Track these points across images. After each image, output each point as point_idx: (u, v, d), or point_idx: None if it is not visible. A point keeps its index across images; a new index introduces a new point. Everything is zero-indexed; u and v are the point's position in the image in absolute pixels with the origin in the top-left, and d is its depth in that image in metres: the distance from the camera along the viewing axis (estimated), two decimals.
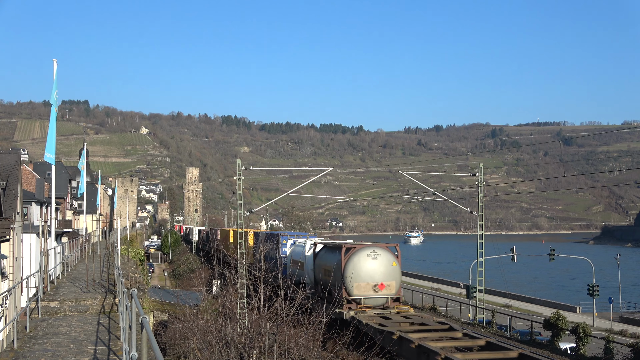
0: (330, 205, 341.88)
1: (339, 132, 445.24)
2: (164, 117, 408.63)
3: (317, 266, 33.86)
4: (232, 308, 20.98)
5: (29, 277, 20.93)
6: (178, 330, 24.85)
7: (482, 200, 38.40)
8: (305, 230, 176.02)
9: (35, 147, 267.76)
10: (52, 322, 16.04)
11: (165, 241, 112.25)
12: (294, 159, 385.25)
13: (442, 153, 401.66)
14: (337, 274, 29.24)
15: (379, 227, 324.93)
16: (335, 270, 29.37)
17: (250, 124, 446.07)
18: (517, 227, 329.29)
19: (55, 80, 21.95)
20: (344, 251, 29.56)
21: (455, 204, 53.06)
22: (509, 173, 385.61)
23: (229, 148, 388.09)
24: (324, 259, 32.97)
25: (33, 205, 43.70)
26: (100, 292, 20.43)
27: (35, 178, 50.72)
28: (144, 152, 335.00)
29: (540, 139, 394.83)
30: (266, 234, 49.54)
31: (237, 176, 32.21)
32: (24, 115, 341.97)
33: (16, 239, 29.62)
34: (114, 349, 12.48)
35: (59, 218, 51.50)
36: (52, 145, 21.56)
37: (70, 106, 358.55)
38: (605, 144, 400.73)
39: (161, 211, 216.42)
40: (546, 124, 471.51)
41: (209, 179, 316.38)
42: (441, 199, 48.00)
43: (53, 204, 24.14)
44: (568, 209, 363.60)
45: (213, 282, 42.52)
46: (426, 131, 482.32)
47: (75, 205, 68.85)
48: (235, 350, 17.13)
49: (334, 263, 30.31)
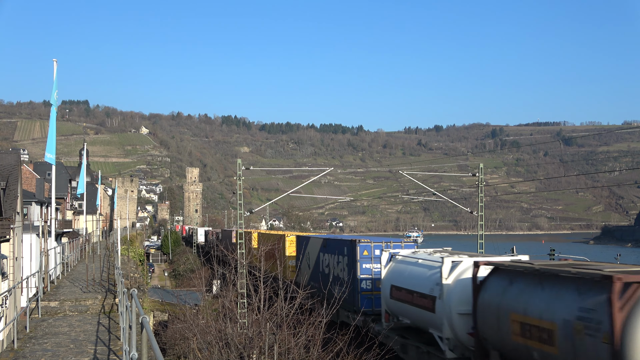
0: (330, 205, 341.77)
1: (339, 132, 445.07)
2: (164, 117, 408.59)
3: (490, 314, 15.58)
4: (232, 308, 20.97)
5: (29, 277, 20.94)
6: (178, 330, 24.86)
7: (482, 200, 38.42)
8: (305, 230, 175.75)
9: (35, 147, 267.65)
10: (52, 322, 16.04)
11: (165, 241, 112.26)
12: (294, 159, 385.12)
13: (442, 153, 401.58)
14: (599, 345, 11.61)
15: (379, 227, 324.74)
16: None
17: (250, 124, 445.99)
18: (517, 227, 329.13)
19: (55, 80, 21.96)
20: (618, 289, 11.36)
21: (455, 204, 53.04)
22: (509, 173, 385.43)
23: (229, 148, 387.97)
24: (521, 300, 14.45)
25: (33, 205, 43.72)
26: (100, 292, 20.43)
27: (35, 178, 50.73)
28: (144, 152, 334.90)
29: (540, 139, 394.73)
30: (324, 239, 32.07)
31: (237, 176, 32.12)
32: (24, 115, 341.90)
33: (16, 239, 29.62)
34: (114, 349, 12.49)
35: (59, 218, 51.52)
36: (52, 145, 21.58)
37: (70, 106, 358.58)
38: (605, 144, 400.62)
39: (161, 211, 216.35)
40: (546, 124, 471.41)
41: (209, 179, 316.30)
42: (441, 199, 48.00)
43: (53, 204, 24.14)
44: (568, 209, 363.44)
45: (213, 282, 42.35)
46: (426, 131, 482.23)
47: (75, 205, 68.85)
48: (235, 350, 17.13)
49: (578, 316, 12.35)
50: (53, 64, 21.99)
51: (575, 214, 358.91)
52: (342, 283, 24.36)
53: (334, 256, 28.74)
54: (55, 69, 21.97)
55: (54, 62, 22.04)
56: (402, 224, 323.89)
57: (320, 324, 17.35)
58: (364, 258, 25.72)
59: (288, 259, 36.34)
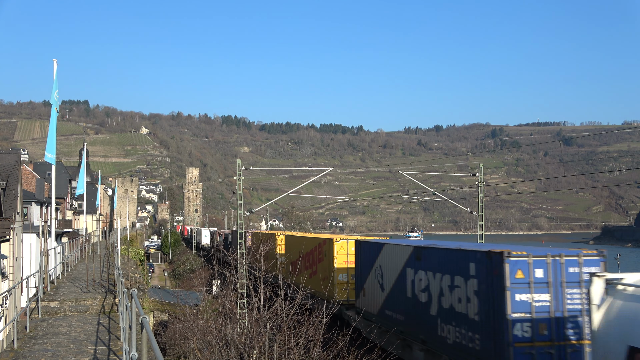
0: (330, 206, 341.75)
1: (339, 132, 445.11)
2: (164, 117, 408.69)
3: None
4: (232, 308, 20.95)
5: (29, 277, 20.93)
6: (178, 330, 24.86)
7: (482, 201, 38.41)
8: (305, 230, 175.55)
9: (35, 147, 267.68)
10: (52, 322, 16.04)
11: (165, 241, 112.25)
12: (294, 159, 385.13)
13: (442, 153, 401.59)
14: None
15: (379, 227, 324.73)
16: None
17: (250, 124, 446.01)
18: (517, 227, 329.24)
19: (55, 80, 21.95)
20: None
21: (455, 204, 53.00)
22: (509, 173, 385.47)
23: (229, 148, 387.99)
24: None
25: (33, 205, 43.71)
26: (100, 292, 20.42)
27: (35, 178, 50.72)
28: (144, 152, 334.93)
29: (540, 139, 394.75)
30: (415, 247, 20.72)
31: (237, 176, 32.06)
32: (24, 115, 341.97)
33: (16, 239, 29.61)
34: (114, 349, 12.48)
35: (59, 218, 51.52)
36: (52, 145, 21.58)
37: (70, 106, 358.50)
38: (605, 144, 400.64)
39: (161, 211, 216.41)
40: (546, 124, 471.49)
41: (209, 179, 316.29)
42: (441, 199, 47.95)
43: (53, 204, 24.13)
44: (568, 209, 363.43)
45: (213, 282, 42.22)
46: (426, 131, 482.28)
47: (75, 206, 68.84)
48: (235, 350, 17.12)
49: None
50: (53, 64, 21.98)
51: (575, 214, 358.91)
52: (462, 322, 16.71)
53: (441, 276, 18.21)
54: (55, 69, 21.96)
55: (54, 62, 22.03)
56: (402, 224, 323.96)
57: (321, 324, 17.33)
58: (518, 283, 14.80)
59: (337, 272, 27.74)
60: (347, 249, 28.22)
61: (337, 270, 27.78)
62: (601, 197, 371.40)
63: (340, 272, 27.91)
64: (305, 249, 32.47)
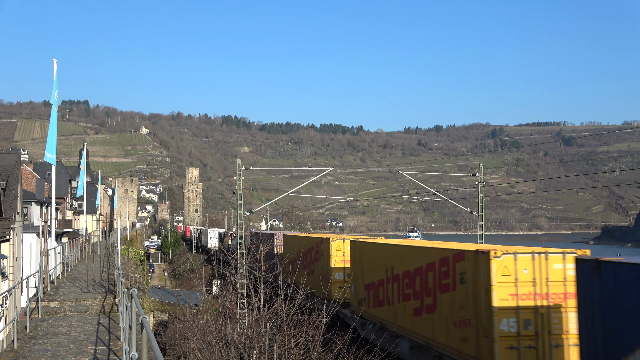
0: (330, 206, 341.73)
1: (339, 132, 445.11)
2: (164, 117, 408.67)
3: None
4: (232, 308, 20.94)
5: (29, 277, 20.94)
6: (178, 330, 24.86)
7: (482, 201, 38.41)
8: (305, 230, 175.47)
9: (35, 147, 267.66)
10: (52, 322, 16.04)
11: (165, 241, 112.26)
12: (294, 159, 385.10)
13: (442, 153, 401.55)
14: None
15: (379, 227, 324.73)
16: None
17: (250, 124, 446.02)
18: (517, 227, 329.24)
19: (56, 80, 21.95)
20: None
21: (456, 204, 53.02)
22: (509, 173, 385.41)
23: (229, 148, 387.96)
24: None
25: (33, 205, 43.72)
26: (100, 292, 20.42)
27: (35, 178, 50.74)
28: (144, 152, 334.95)
29: (540, 139, 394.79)
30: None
31: (237, 176, 32.05)
32: (24, 115, 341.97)
33: (16, 239, 29.62)
34: (114, 349, 12.48)
35: (59, 218, 51.52)
36: (52, 145, 21.58)
37: (70, 106, 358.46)
38: (605, 144, 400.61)
39: (161, 211, 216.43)
40: (546, 124, 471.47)
41: (209, 179, 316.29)
42: (441, 199, 47.98)
43: (53, 204, 24.13)
44: (568, 209, 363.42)
45: (213, 282, 42.21)
46: (426, 131, 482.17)
47: (75, 206, 68.86)
48: (235, 351, 17.12)
49: None
50: (53, 64, 21.99)
51: (575, 214, 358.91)
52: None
53: None
54: (55, 69, 21.97)
55: (54, 62, 22.04)
56: (402, 224, 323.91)
57: (321, 324, 17.33)
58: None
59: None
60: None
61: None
62: (601, 197, 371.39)
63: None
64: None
